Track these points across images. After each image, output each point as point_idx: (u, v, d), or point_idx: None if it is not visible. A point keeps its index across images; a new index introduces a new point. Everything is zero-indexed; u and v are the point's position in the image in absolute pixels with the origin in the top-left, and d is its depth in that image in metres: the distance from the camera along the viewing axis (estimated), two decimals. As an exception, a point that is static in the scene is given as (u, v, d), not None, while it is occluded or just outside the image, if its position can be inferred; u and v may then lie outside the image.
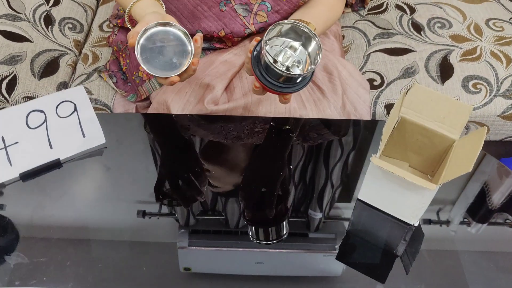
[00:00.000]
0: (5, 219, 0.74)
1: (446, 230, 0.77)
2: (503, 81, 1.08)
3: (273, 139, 0.88)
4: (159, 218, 0.76)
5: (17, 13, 1.16)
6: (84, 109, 0.81)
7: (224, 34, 0.92)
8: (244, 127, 0.88)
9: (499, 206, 0.81)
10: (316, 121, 0.91)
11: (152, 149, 0.86)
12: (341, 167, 0.85)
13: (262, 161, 0.86)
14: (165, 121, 0.92)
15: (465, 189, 0.84)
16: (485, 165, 0.88)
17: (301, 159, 0.85)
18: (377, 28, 1.20)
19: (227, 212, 0.77)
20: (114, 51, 1.08)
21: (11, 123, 0.77)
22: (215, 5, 0.91)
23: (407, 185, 0.70)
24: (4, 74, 1.05)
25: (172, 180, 0.83)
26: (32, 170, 0.79)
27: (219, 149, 0.85)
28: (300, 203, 0.80)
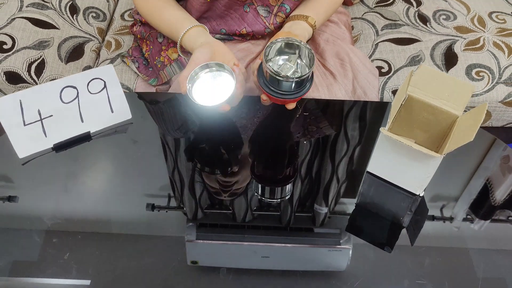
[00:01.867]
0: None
1: (450, 227, 0.79)
2: (504, 70, 1.14)
3: (286, 120, 0.93)
4: (167, 212, 0.78)
5: (44, 2, 1.22)
6: (113, 86, 0.87)
7: (246, 32, 0.99)
8: (258, 110, 0.94)
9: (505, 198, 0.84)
10: (327, 102, 0.97)
11: (164, 144, 0.90)
12: (347, 162, 0.88)
13: (276, 137, 0.91)
14: (184, 100, 0.98)
15: (471, 180, 0.87)
16: (494, 149, 0.92)
17: (308, 153, 0.88)
18: (385, 19, 1.26)
19: (234, 206, 0.80)
20: (138, 39, 1.14)
21: (47, 97, 0.83)
22: (240, 7, 0.98)
23: (413, 155, 0.76)
24: (33, 58, 1.12)
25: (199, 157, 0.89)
26: (64, 141, 0.85)
27: (231, 132, 0.91)
28: (305, 197, 0.82)
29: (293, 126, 0.93)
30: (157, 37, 1.07)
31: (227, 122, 0.92)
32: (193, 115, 0.94)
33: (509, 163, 0.90)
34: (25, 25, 1.16)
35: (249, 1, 0.97)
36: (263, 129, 0.92)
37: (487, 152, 0.92)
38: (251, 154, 0.88)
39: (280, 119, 0.94)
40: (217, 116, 0.91)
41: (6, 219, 0.76)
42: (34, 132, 0.83)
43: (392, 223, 0.80)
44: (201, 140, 0.91)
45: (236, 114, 0.93)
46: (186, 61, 1.04)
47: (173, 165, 0.85)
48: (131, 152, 0.88)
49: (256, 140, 0.90)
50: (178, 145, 0.89)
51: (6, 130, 0.81)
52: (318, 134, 0.91)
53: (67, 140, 0.86)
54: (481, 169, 0.89)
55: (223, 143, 0.90)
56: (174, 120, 0.95)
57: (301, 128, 0.92)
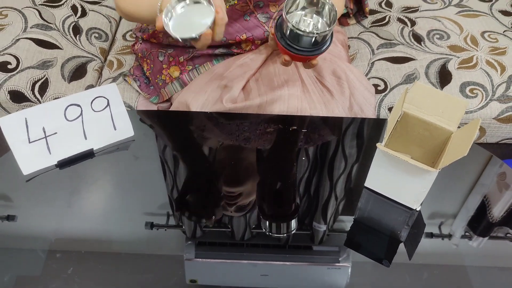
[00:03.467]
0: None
1: (448, 244, 0.80)
2: (497, 87, 1.17)
3: (285, 136, 0.95)
4: (166, 230, 0.78)
5: (48, 23, 1.25)
6: (116, 104, 0.90)
7: (246, 37, 1.02)
8: (258, 127, 0.96)
9: (503, 215, 0.85)
10: (325, 119, 0.99)
11: (163, 162, 0.90)
12: (345, 179, 0.88)
13: (276, 157, 0.93)
14: (185, 117, 1.01)
15: (468, 196, 0.88)
16: (490, 166, 0.93)
17: (306, 171, 0.89)
18: (380, 38, 1.29)
19: (233, 224, 0.80)
20: (138, 58, 1.17)
21: (51, 115, 0.85)
22: (240, 17, 1.01)
23: (409, 170, 0.78)
24: (37, 77, 1.14)
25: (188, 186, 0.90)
26: (68, 158, 0.87)
27: (232, 150, 0.93)
28: (304, 215, 0.82)
29: (293, 144, 0.95)
30: (158, 55, 1.09)
31: (226, 139, 0.94)
32: (195, 132, 0.96)
33: (505, 180, 0.92)
34: (29, 45, 1.19)
35: (250, 10, 1.00)
36: (263, 147, 0.94)
37: (483, 169, 0.94)
38: (252, 175, 0.90)
39: (281, 137, 0.96)
40: (215, 131, 0.94)
41: (9, 237, 0.77)
42: (38, 149, 0.85)
43: (390, 238, 0.81)
44: (201, 158, 0.93)
45: (235, 130, 0.95)
46: (187, 80, 1.07)
47: (172, 183, 0.86)
48: (131, 170, 0.89)
49: (257, 160, 0.92)
50: (177, 163, 0.90)
51: (11, 147, 0.82)
52: (317, 150, 0.93)
53: (70, 157, 0.87)
54: (478, 186, 0.90)
55: (222, 163, 0.92)
56: (175, 137, 0.97)
57: (300, 145, 0.94)
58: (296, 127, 0.96)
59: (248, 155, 0.92)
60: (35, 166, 0.85)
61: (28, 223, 0.79)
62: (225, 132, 0.95)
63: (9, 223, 0.79)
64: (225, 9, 0.81)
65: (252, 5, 1.00)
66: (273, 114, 0.98)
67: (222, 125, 0.96)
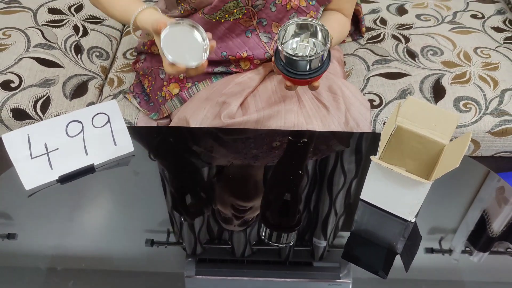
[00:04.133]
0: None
1: (448, 259, 0.80)
2: (491, 101, 1.19)
3: (289, 151, 0.97)
4: (166, 247, 0.79)
5: (50, 42, 1.28)
6: (116, 120, 0.92)
7: (246, 55, 1.04)
8: (260, 143, 0.98)
9: (502, 230, 0.86)
10: (323, 135, 1.01)
11: (164, 179, 0.92)
12: (344, 195, 0.89)
13: (278, 172, 0.95)
14: (185, 133, 1.03)
15: (467, 211, 0.88)
16: (487, 181, 0.95)
17: (305, 186, 0.90)
18: (375, 55, 1.32)
19: (234, 241, 0.80)
20: (140, 75, 1.20)
21: (53, 131, 0.87)
22: (242, 32, 1.04)
23: (403, 182, 0.80)
24: (39, 95, 1.17)
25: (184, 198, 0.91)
26: (69, 173, 0.89)
27: (231, 166, 0.95)
28: (304, 231, 0.83)
29: (294, 160, 0.96)
30: (159, 73, 1.12)
31: (225, 156, 0.96)
32: (194, 147, 0.98)
33: (504, 195, 0.93)
34: (32, 64, 1.22)
35: (252, 27, 1.03)
36: (264, 163, 0.96)
37: (481, 184, 0.95)
38: (251, 189, 0.91)
39: (281, 153, 0.98)
40: (217, 148, 0.95)
41: (9, 255, 0.78)
42: (40, 164, 0.87)
43: (386, 250, 0.82)
44: (199, 174, 0.95)
45: (234, 147, 0.97)
46: (186, 96, 1.09)
47: (172, 200, 0.87)
48: (131, 186, 0.90)
49: (257, 175, 0.94)
50: (176, 179, 0.92)
51: (14, 162, 0.84)
52: (316, 165, 0.95)
53: (72, 172, 0.89)
54: (476, 201, 0.91)
55: (222, 179, 0.93)
56: (175, 153, 0.98)
57: (300, 160, 0.95)
58: (298, 143, 0.97)
59: (248, 170, 0.94)
60: (37, 181, 0.87)
61: (28, 240, 0.80)
62: (223, 148, 0.97)
63: (9, 241, 0.80)
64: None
65: (255, 22, 1.02)
66: (270, 129, 1.00)
67: (221, 141, 0.98)
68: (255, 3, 0.99)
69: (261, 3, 1.00)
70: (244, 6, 0.99)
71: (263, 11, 1.01)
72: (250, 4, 0.99)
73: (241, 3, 0.98)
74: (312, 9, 1.04)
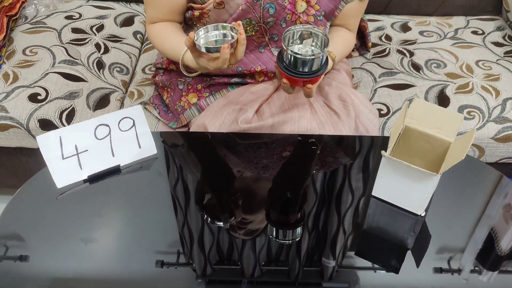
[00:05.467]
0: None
1: (458, 279, 0.81)
2: (493, 109, 1.25)
3: (300, 154, 1.02)
4: (176, 268, 0.80)
5: (74, 59, 1.36)
6: (141, 124, 0.98)
7: (260, 69, 1.11)
8: (278, 147, 1.03)
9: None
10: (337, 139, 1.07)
11: (175, 200, 0.92)
12: (353, 213, 0.91)
13: (290, 171, 1.00)
14: (204, 137, 1.08)
15: (478, 222, 0.90)
16: (501, 186, 0.97)
17: (314, 205, 0.92)
18: (382, 68, 1.39)
19: (243, 262, 0.81)
20: (159, 88, 1.27)
21: (83, 134, 0.93)
22: (256, 48, 1.11)
23: (413, 176, 0.84)
24: (64, 107, 1.23)
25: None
26: (97, 173, 0.95)
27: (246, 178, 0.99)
28: (313, 251, 0.83)
29: (306, 164, 1.01)
30: (178, 84, 1.19)
31: (244, 158, 1.01)
32: (213, 151, 1.04)
33: (511, 211, 0.94)
34: (58, 78, 1.29)
35: (264, 42, 1.10)
36: (277, 170, 0.99)
37: (495, 187, 0.98)
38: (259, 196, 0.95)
39: (297, 158, 1.03)
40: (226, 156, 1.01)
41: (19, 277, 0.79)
42: (71, 164, 0.92)
43: (397, 245, 0.85)
44: (219, 179, 1.00)
45: (252, 156, 1.02)
46: (204, 105, 1.15)
47: (183, 220, 0.89)
48: (143, 206, 0.92)
49: (272, 185, 0.98)
50: (198, 186, 0.95)
51: (47, 162, 0.90)
52: (333, 166, 0.99)
53: (99, 172, 0.95)
54: (485, 216, 0.92)
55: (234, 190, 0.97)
56: (195, 156, 1.04)
57: (315, 164, 1.00)
58: (312, 146, 1.02)
59: (264, 174, 0.99)
60: (68, 180, 0.92)
61: (37, 262, 0.81)
62: (241, 151, 1.02)
63: (21, 263, 0.81)
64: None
65: (267, 38, 1.10)
66: (285, 134, 1.05)
67: (239, 145, 1.04)
68: (266, 20, 1.07)
69: (272, 20, 1.07)
70: (257, 23, 1.07)
71: (274, 27, 1.09)
72: (262, 21, 1.07)
73: (254, 21, 1.06)
74: (320, 23, 1.11)
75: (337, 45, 1.12)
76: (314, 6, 1.08)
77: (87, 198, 0.92)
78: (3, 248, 0.82)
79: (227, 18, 1.06)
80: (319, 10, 1.09)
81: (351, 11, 1.14)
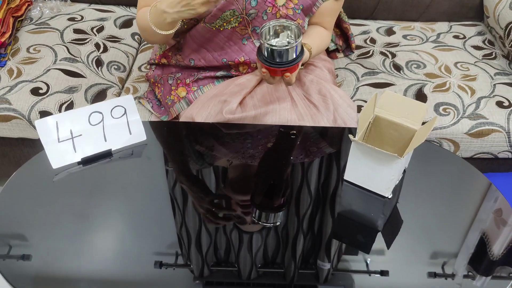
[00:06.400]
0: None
1: (451, 284, 0.82)
2: (468, 107, 1.32)
3: (282, 143, 1.10)
4: (174, 269, 0.81)
5: (75, 57, 1.45)
6: (132, 113, 1.05)
7: (244, 60, 1.19)
8: (260, 136, 1.10)
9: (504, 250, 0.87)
10: (314, 130, 1.14)
11: (173, 200, 0.95)
12: (329, 198, 0.95)
13: (274, 160, 1.08)
14: (191, 127, 1.16)
15: (469, 231, 0.91)
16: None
17: (308, 207, 0.94)
18: (365, 68, 1.47)
19: (240, 263, 0.83)
20: (151, 83, 1.35)
21: (78, 120, 1.01)
22: (239, 40, 1.19)
23: (379, 159, 0.91)
24: (64, 100, 1.32)
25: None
26: (90, 156, 1.02)
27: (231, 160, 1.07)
28: (308, 254, 0.85)
29: (287, 153, 1.08)
30: (168, 79, 1.27)
31: (228, 147, 1.09)
32: (199, 139, 1.11)
33: (502, 216, 0.97)
34: (58, 74, 1.38)
35: (247, 35, 1.18)
36: (265, 159, 1.06)
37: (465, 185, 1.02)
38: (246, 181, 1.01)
39: (281, 146, 1.10)
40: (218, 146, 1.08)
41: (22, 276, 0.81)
42: (66, 147, 1.00)
43: (368, 227, 0.91)
44: (205, 166, 1.07)
45: (239, 146, 1.10)
46: (193, 98, 1.23)
47: (181, 221, 0.91)
48: (141, 206, 0.95)
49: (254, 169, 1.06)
50: (186, 199, 0.96)
51: (44, 145, 0.98)
52: (314, 155, 1.06)
53: (92, 155, 1.02)
54: (476, 222, 0.93)
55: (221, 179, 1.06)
56: (182, 143, 1.12)
57: (295, 153, 1.07)
58: (290, 135, 1.10)
59: (247, 162, 1.07)
60: (63, 161, 1.00)
61: (38, 263, 0.83)
62: (226, 140, 1.10)
63: (24, 262, 0.83)
64: None
65: (250, 29, 1.18)
66: (267, 124, 1.13)
67: (222, 134, 1.11)
68: (248, 12, 1.15)
69: (254, 12, 1.15)
70: (240, 14, 1.15)
71: (256, 19, 1.17)
72: (245, 13, 1.15)
73: (237, 12, 1.14)
74: (299, 17, 1.20)
75: (313, 39, 1.21)
76: (293, 0, 1.17)
77: (82, 180, 0.99)
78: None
79: (212, 8, 1.14)
80: (297, 4, 1.18)
81: (327, 10, 1.23)
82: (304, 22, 1.22)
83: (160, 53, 1.30)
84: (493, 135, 1.29)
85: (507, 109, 1.31)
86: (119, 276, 0.81)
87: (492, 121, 1.29)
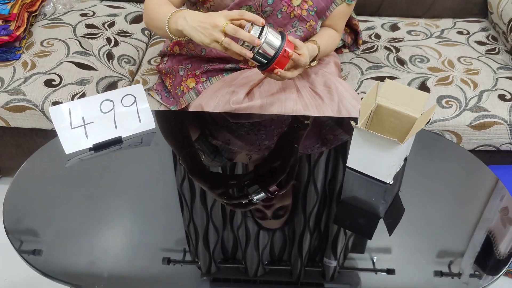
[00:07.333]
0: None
1: (458, 283, 0.82)
2: (470, 99, 1.34)
3: (289, 133, 1.13)
4: (182, 265, 0.82)
5: (87, 50, 1.50)
6: (141, 101, 1.09)
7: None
8: (266, 125, 1.14)
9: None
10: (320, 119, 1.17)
11: (181, 195, 0.95)
12: (334, 185, 0.96)
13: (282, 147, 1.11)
14: (200, 116, 1.20)
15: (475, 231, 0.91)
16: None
17: (315, 204, 0.95)
18: (369, 62, 1.49)
19: (247, 260, 0.84)
20: (162, 74, 1.39)
21: (90, 107, 1.05)
22: None
23: (380, 146, 0.94)
24: (76, 91, 1.36)
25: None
26: (101, 143, 1.06)
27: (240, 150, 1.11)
28: (315, 251, 0.85)
29: (295, 139, 1.11)
30: (179, 71, 1.31)
31: (235, 135, 1.12)
32: (208, 129, 1.15)
33: (508, 215, 0.96)
34: (71, 67, 1.42)
35: None
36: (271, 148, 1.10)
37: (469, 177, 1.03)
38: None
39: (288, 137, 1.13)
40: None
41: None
42: (78, 134, 1.04)
43: (370, 213, 0.94)
44: (212, 155, 1.11)
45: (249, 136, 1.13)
46: (201, 89, 1.27)
47: (189, 218, 0.92)
48: (150, 201, 0.96)
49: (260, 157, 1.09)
50: (193, 192, 0.97)
51: (57, 131, 1.02)
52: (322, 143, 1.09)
53: (103, 142, 1.06)
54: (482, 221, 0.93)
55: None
56: (190, 132, 1.15)
57: (303, 141, 1.10)
58: (297, 124, 1.13)
59: (253, 150, 1.10)
60: (75, 147, 1.04)
61: (45, 259, 0.83)
62: (232, 129, 1.13)
63: (35, 257, 0.83)
64: None
65: None
66: (273, 114, 1.16)
67: (230, 123, 1.15)
68: (264, 9, 1.19)
69: (270, 10, 1.19)
70: (256, 11, 1.19)
71: (271, 17, 1.20)
72: (261, 9, 1.19)
73: (253, 8, 1.18)
74: (312, 18, 1.23)
75: (322, 38, 1.24)
76: (308, 1, 1.21)
77: (93, 168, 1.02)
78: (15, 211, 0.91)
79: (230, 3, 1.17)
80: (311, 5, 1.21)
81: (339, 14, 1.27)
82: (317, 24, 1.26)
83: (173, 40, 1.32)
84: (495, 127, 1.31)
85: (509, 102, 1.34)
86: (126, 272, 0.82)
87: (494, 114, 1.32)
